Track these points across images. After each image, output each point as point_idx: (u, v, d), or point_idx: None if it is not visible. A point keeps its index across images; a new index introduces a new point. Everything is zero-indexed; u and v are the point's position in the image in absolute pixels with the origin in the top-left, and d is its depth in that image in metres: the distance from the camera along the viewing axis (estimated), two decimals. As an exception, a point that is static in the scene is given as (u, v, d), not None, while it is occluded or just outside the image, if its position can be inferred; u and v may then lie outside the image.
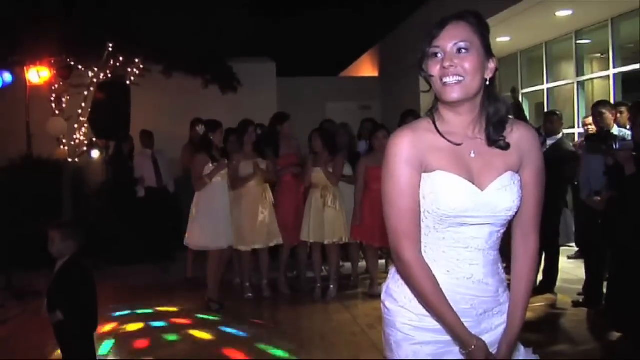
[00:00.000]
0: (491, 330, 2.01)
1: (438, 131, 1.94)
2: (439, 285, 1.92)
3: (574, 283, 6.60)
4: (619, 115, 6.39)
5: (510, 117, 1.99)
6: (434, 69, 1.90)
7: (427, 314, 1.97)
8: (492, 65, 1.92)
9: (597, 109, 6.16)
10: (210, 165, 6.26)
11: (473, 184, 1.91)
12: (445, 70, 1.87)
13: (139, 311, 6.36)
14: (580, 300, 6.03)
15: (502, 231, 2.00)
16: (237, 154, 6.74)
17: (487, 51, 1.92)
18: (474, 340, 1.91)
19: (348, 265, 7.51)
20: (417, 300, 1.97)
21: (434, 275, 1.93)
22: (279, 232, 6.82)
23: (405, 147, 1.91)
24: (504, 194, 1.92)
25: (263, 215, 6.71)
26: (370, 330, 5.52)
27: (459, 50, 1.87)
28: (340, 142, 7.29)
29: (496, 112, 1.94)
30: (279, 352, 5.09)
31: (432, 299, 1.91)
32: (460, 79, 1.87)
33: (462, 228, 1.94)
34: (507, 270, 2.05)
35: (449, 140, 1.93)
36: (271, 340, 5.37)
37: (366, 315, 6.03)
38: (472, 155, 1.94)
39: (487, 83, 1.93)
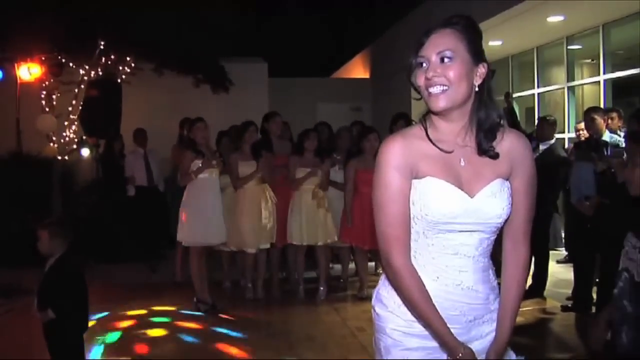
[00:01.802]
0: (481, 337, 2.01)
1: (429, 138, 1.94)
2: (427, 292, 1.91)
3: (563, 287, 6.62)
4: (610, 121, 6.42)
5: (502, 124, 1.97)
6: (420, 79, 1.90)
7: (415, 319, 1.96)
8: (482, 70, 1.90)
9: (589, 114, 6.19)
10: (197, 161, 6.25)
11: (462, 190, 1.91)
12: (429, 81, 1.87)
13: (129, 312, 6.33)
14: (569, 305, 6.05)
15: (492, 238, 1.99)
16: (235, 154, 6.72)
17: (476, 57, 1.89)
18: (461, 347, 1.91)
19: (337, 267, 7.50)
20: (406, 306, 1.97)
21: (422, 283, 1.92)
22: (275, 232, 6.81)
23: (395, 153, 1.91)
24: (494, 201, 1.92)
25: (265, 215, 6.69)
26: (360, 332, 5.51)
27: (443, 59, 1.87)
28: (342, 144, 7.29)
29: (487, 117, 1.93)
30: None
31: (419, 306, 1.91)
32: (445, 88, 1.86)
33: (451, 234, 1.93)
34: (497, 273, 2.06)
35: (439, 148, 1.93)
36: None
37: (355, 318, 6.02)
38: (462, 163, 1.94)
39: (477, 89, 1.91)
